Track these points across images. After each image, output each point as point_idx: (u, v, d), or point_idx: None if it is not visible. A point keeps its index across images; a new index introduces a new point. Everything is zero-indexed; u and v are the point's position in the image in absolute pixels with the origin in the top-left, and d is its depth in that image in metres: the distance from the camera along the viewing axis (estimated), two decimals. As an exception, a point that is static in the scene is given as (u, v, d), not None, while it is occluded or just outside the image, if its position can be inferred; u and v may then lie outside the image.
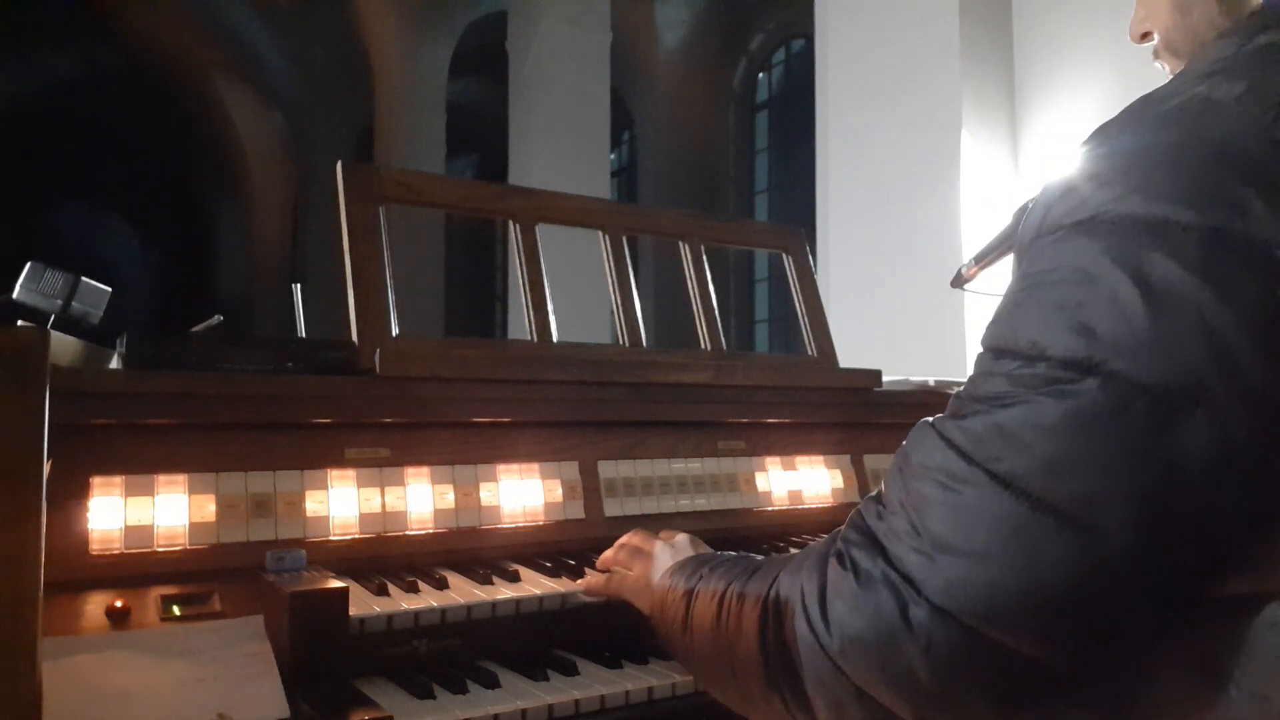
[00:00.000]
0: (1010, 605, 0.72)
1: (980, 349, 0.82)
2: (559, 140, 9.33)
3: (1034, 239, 0.81)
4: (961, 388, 0.82)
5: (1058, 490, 0.72)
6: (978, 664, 0.74)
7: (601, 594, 1.23)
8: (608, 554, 1.26)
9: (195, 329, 1.54)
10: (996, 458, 0.74)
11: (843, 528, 0.86)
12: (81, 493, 1.13)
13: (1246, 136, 0.74)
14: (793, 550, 1.53)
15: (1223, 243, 0.71)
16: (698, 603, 1.01)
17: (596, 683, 1.12)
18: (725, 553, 1.13)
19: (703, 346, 1.77)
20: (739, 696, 0.95)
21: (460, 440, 1.40)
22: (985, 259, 1.60)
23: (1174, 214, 0.72)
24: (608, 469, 1.51)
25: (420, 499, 1.34)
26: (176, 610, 1.07)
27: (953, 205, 4.54)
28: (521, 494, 1.42)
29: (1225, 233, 0.71)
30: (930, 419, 0.83)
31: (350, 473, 1.30)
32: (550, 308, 1.60)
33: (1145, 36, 1.02)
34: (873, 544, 0.80)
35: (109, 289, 1.52)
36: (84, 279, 1.48)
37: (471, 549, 1.36)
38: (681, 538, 1.21)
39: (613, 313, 1.72)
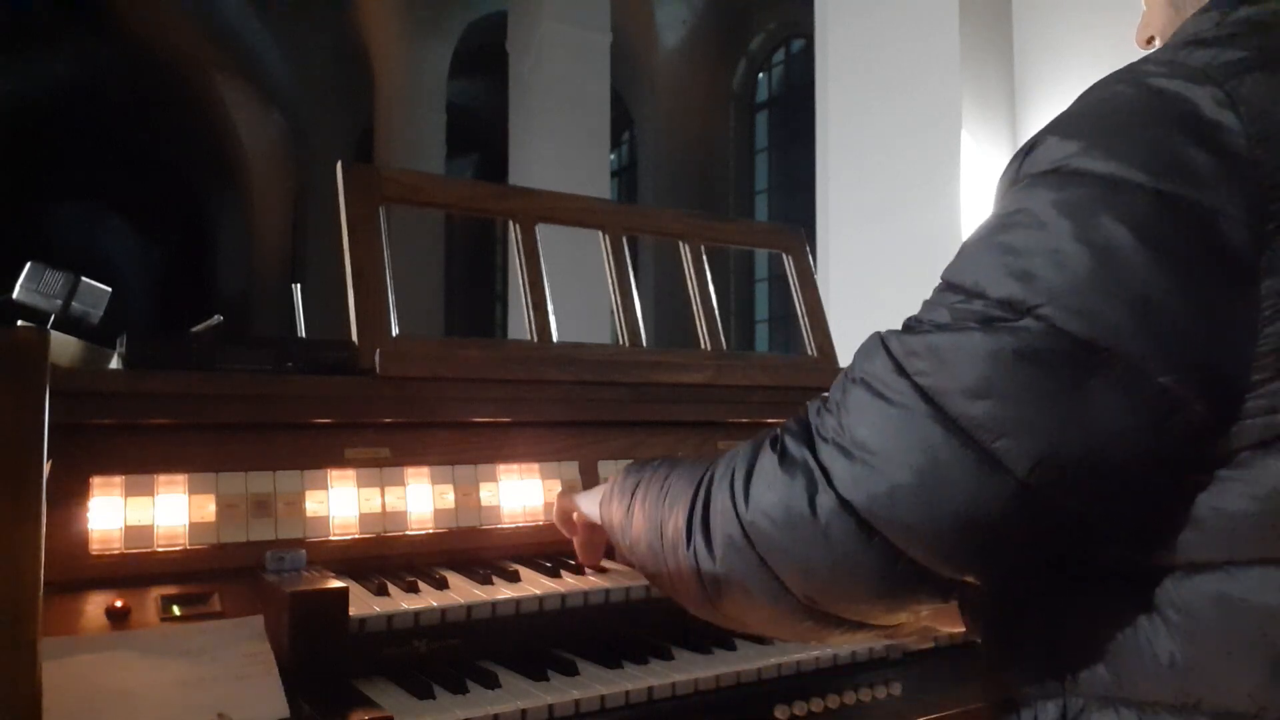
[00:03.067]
0: (906, 511, 0.77)
1: (939, 279, 0.86)
2: (559, 140, 9.32)
3: (1007, 187, 0.85)
4: (917, 312, 0.87)
5: (969, 413, 0.75)
6: (868, 558, 0.80)
7: (558, 515, 1.33)
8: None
9: (195, 329, 1.54)
10: (923, 372, 0.79)
11: (788, 419, 0.91)
12: (81, 493, 1.13)
13: (1208, 102, 0.76)
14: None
15: (1170, 206, 0.73)
16: (645, 484, 1.07)
17: (596, 683, 1.12)
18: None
19: (703, 346, 1.77)
20: (659, 568, 1.01)
21: (460, 440, 1.40)
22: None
23: (1127, 173, 0.75)
24: (608, 469, 1.51)
25: (420, 499, 1.34)
26: (176, 610, 1.07)
27: (953, 205, 4.55)
28: (521, 494, 1.42)
29: (1173, 197, 0.73)
30: (881, 330, 0.87)
31: (350, 473, 1.30)
32: (550, 308, 1.60)
33: (1149, 42, 1.04)
34: (805, 433, 0.86)
35: (109, 289, 1.52)
36: (84, 279, 1.48)
37: (471, 549, 1.36)
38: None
39: (613, 313, 1.72)
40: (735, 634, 1.26)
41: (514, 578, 1.25)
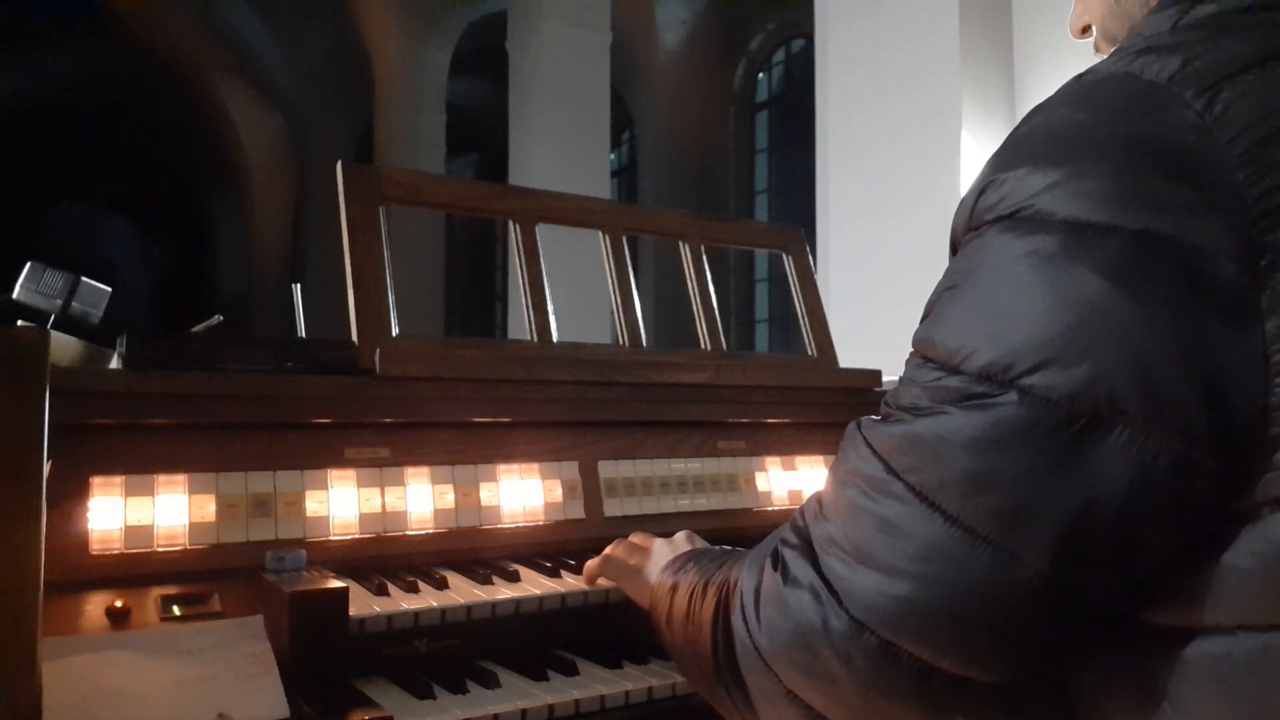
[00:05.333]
0: (927, 621, 0.70)
1: (911, 348, 0.79)
2: (559, 140, 9.32)
3: (964, 233, 0.78)
4: (892, 389, 0.80)
5: (972, 507, 0.69)
6: (899, 677, 0.72)
7: (595, 575, 1.23)
8: (607, 550, 1.25)
9: (195, 329, 1.54)
10: (913, 468, 0.72)
11: (786, 525, 0.85)
12: (81, 493, 1.13)
13: (1178, 125, 0.68)
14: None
15: (1148, 247, 0.66)
16: (677, 596, 1.01)
17: (596, 683, 1.12)
18: (716, 548, 1.12)
19: (703, 346, 1.77)
20: (706, 690, 0.95)
21: (460, 440, 1.40)
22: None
23: (1097, 215, 0.67)
24: (608, 469, 1.51)
25: (420, 499, 1.34)
26: (176, 610, 1.07)
27: (953, 205, 4.54)
28: (521, 494, 1.42)
29: (1152, 236, 0.66)
30: (860, 421, 0.80)
31: (350, 473, 1.30)
32: (550, 308, 1.60)
33: (1085, 31, 0.97)
34: (806, 547, 0.79)
35: (109, 289, 1.52)
36: (84, 279, 1.48)
37: (471, 549, 1.36)
38: (679, 535, 1.20)
39: (613, 313, 1.72)
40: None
41: (514, 578, 1.25)
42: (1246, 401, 0.65)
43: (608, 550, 1.24)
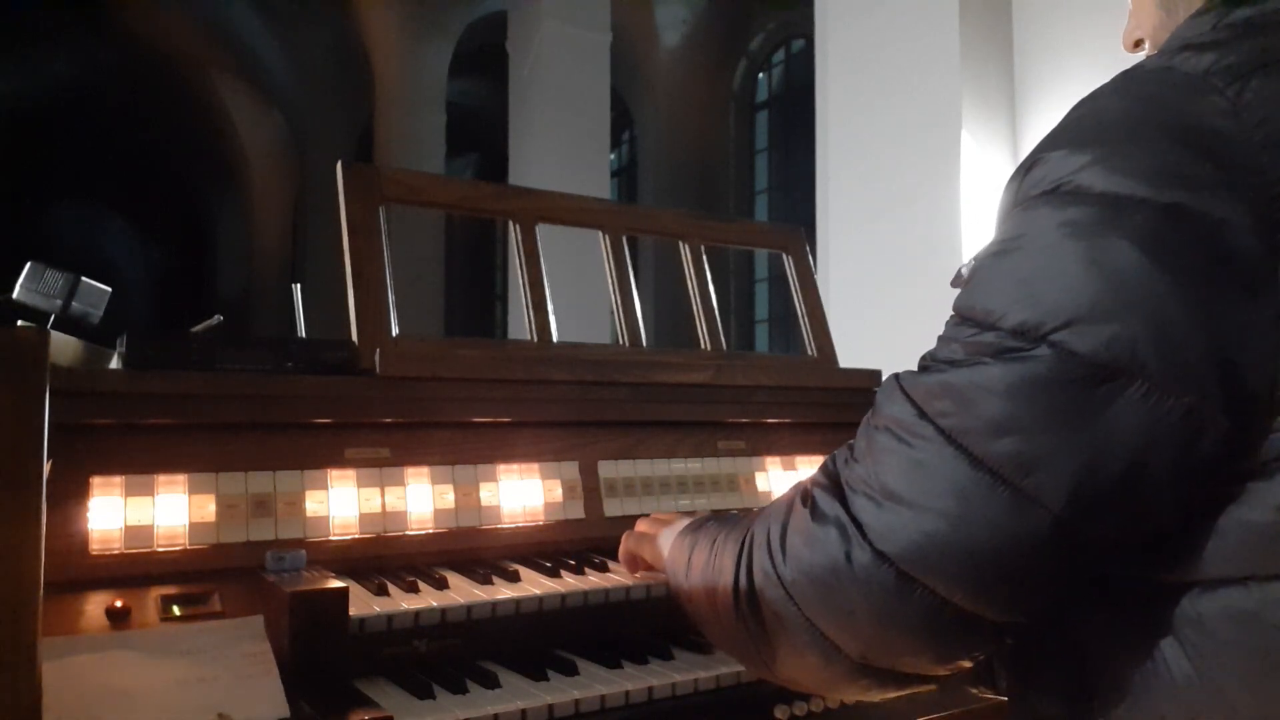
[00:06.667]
0: (944, 557, 0.75)
1: (952, 310, 0.85)
2: (559, 140, 9.32)
3: (1010, 208, 0.83)
4: (930, 349, 0.85)
5: (996, 451, 0.74)
6: (912, 610, 0.77)
7: (625, 550, 1.27)
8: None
9: (195, 329, 1.54)
10: (944, 413, 0.77)
11: (816, 471, 0.90)
12: (81, 493, 1.13)
13: (1210, 110, 0.75)
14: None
15: (1176, 220, 0.72)
16: (698, 546, 1.05)
17: (596, 683, 1.12)
18: (733, 513, 1.17)
19: (703, 346, 1.77)
20: (720, 634, 0.99)
21: (460, 440, 1.40)
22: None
23: (1130, 189, 0.73)
24: (608, 469, 1.51)
25: (420, 499, 1.34)
26: (176, 610, 1.07)
27: (953, 205, 4.54)
28: (521, 494, 1.42)
29: (1180, 209, 0.72)
30: (898, 373, 0.85)
31: (350, 473, 1.30)
32: (550, 308, 1.60)
33: (1138, 45, 1.02)
34: (835, 487, 0.84)
35: (109, 289, 1.52)
36: (84, 279, 1.48)
37: (471, 549, 1.36)
38: (702, 514, 1.24)
39: (613, 313, 1.72)
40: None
41: (514, 578, 1.25)
42: (1258, 365, 0.71)
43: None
